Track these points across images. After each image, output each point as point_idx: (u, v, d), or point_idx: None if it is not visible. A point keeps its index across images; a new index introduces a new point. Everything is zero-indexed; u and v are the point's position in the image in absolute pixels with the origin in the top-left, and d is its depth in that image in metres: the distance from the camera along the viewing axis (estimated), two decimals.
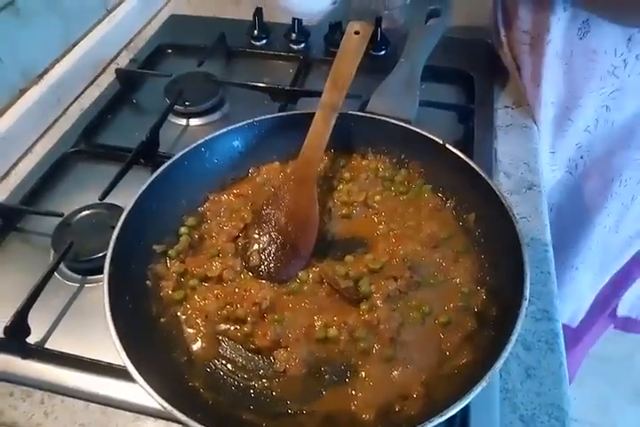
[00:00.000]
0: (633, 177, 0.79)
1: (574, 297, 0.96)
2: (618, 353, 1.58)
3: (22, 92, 0.75)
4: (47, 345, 0.53)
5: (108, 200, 0.63)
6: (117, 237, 0.49)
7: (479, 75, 0.84)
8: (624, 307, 1.03)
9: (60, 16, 0.79)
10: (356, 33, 0.64)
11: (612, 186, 0.80)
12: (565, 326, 0.99)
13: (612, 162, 0.78)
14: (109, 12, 0.90)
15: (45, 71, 0.78)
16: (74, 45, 0.83)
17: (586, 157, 0.80)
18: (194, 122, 0.79)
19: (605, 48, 0.66)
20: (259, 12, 0.91)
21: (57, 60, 0.80)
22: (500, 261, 0.52)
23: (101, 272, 0.48)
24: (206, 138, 0.59)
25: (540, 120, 0.77)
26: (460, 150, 0.70)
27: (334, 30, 0.88)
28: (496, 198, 0.52)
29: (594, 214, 0.84)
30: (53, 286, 0.56)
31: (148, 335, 0.47)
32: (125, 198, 0.63)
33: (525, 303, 0.44)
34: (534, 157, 0.75)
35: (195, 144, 0.59)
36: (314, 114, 0.60)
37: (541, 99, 0.75)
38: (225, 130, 0.60)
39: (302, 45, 0.90)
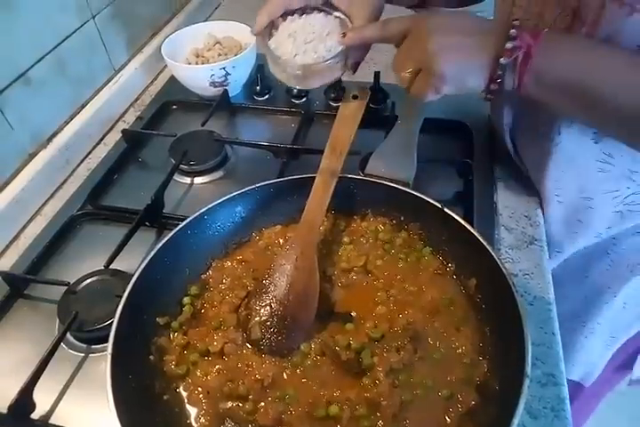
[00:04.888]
0: None
1: (585, 362, 0.92)
2: None
3: (32, 156, 0.77)
4: (52, 421, 0.53)
5: (113, 264, 0.64)
6: (120, 316, 0.49)
7: (477, 125, 0.85)
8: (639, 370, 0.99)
9: (70, 80, 0.83)
10: (354, 97, 0.65)
11: (619, 267, 0.76)
12: (578, 385, 0.96)
13: (620, 247, 0.75)
14: (117, 71, 0.93)
15: (54, 134, 0.81)
16: (82, 107, 0.86)
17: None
18: (198, 180, 0.81)
19: (622, 152, 0.61)
20: (261, 68, 0.93)
21: (66, 123, 0.83)
22: (501, 330, 0.52)
23: (106, 341, 0.49)
24: (209, 206, 0.61)
25: (547, 212, 0.73)
26: (461, 207, 0.72)
27: (334, 85, 0.91)
28: (497, 267, 0.52)
29: (600, 293, 0.81)
30: (58, 355, 0.57)
31: (151, 415, 0.47)
32: (130, 262, 0.65)
33: (527, 381, 0.44)
34: (535, 209, 0.76)
35: (197, 213, 0.60)
36: (314, 178, 0.61)
37: (545, 195, 0.71)
38: (227, 197, 0.62)
39: (303, 100, 0.93)
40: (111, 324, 0.50)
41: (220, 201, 0.61)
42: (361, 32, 0.57)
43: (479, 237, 0.55)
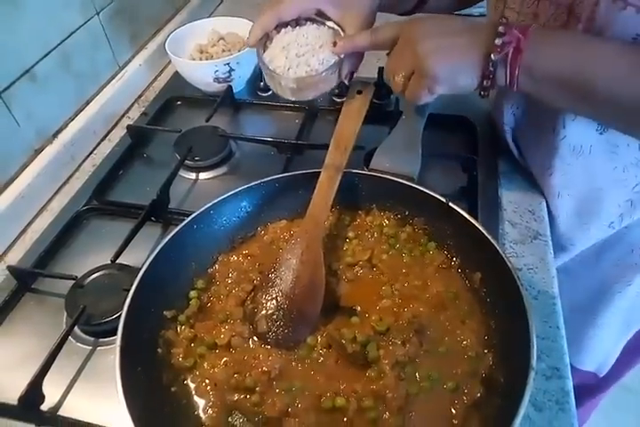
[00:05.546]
0: None
1: (599, 352, 0.92)
2: None
3: (37, 151, 0.77)
4: (60, 412, 0.54)
5: (119, 259, 0.65)
6: (128, 309, 0.50)
7: (481, 120, 0.86)
8: None
9: (74, 76, 0.83)
10: (359, 92, 0.65)
11: (633, 257, 0.76)
12: (592, 374, 0.95)
13: (630, 236, 0.74)
14: (121, 68, 0.94)
15: (60, 130, 0.81)
16: (87, 103, 0.86)
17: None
18: (203, 175, 0.81)
19: (628, 141, 0.61)
20: None
21: (71, 119, 0.83)
22: (506, 323, 0.52)
23: (114, 334, 0.49)
24: (215, 201, 0.61)
25: (556, 207, 0.73)
26: (465, 202, 0.72)
27: None
28: (501, 260, 0.53)
29: (612, 283, 0.80)
30: (66, 348, 0.57)
31: (159, 407, 0.48)
32: (136, 257, 0.66)
33: (532, 374, 0.44)
34: (539, 204, 0.76)
35: (203, 207, 0.60)
36: (319, 173, 0.62)
37: (554, 190, 0.71)
38: (233, 192, 0.62)
39: None
40: (118, 317, 0.50)
41: (225, 196, 0.61)
42: (352, 40, 0.58)
43: (484, 232, 0.56)
